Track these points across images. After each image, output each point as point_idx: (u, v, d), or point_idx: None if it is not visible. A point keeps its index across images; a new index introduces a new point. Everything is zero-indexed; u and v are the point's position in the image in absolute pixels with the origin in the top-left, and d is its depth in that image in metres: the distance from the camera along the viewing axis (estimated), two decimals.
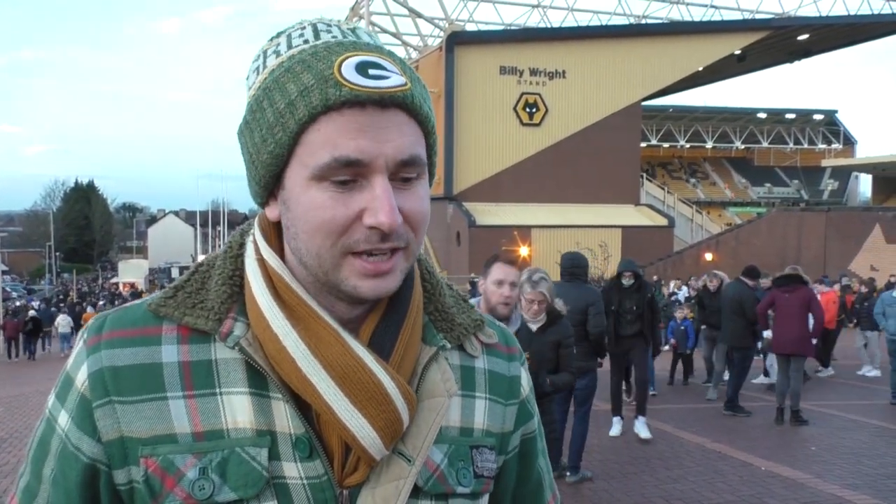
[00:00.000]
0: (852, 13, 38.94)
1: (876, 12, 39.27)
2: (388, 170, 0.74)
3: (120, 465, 0.78)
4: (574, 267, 6.35)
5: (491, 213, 32.18)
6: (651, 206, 37.40)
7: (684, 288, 18.98)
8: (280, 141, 0.74)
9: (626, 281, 7.50)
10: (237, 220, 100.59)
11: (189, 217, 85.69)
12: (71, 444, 0.79)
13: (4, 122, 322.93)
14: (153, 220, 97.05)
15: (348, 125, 0.72)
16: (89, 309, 27.54)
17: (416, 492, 0.82)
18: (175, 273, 48.46)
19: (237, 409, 0.78)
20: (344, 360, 0.77)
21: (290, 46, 0.77)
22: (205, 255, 0.92)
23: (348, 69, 0.72)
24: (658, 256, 31.60)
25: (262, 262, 0.82)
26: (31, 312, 23.50)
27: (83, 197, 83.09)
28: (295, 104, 0.73)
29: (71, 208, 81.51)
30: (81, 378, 0.79)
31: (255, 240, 0.84)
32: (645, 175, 44.24)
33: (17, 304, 31.48)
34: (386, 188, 0.73)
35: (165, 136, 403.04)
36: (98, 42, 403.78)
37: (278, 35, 0.80)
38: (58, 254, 71.21)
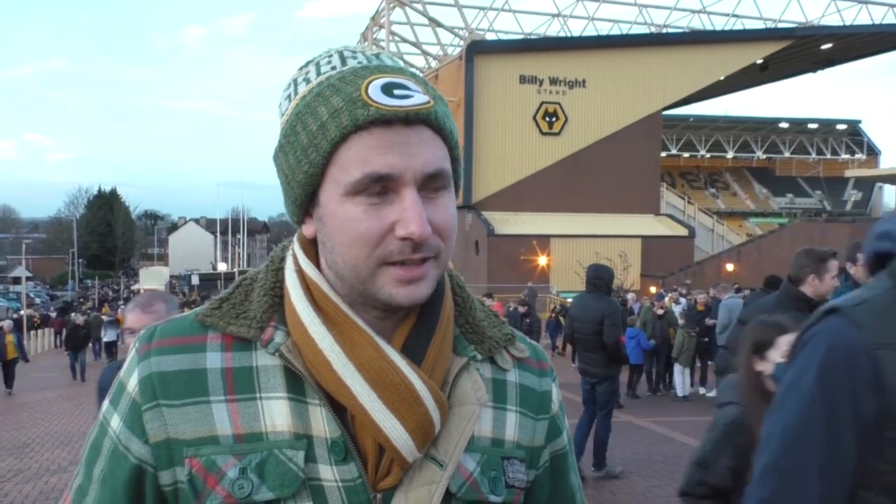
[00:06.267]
0: (877, 22, 38.53)
1: None
2: (417, 183, 0.78)
3: (166, 466, 0.82)
4: (596, 278, 6.52)
5: (510, 223, 32.12)
6: (671, 216, 37.15)
7: (683, 301, 15.61)
8: (314, 161, 0.79)
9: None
10: (256, 228, 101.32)
11: (209, 225, 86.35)
12: (121, 444, 0.83)
13: (30, 131, 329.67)
14: (174, 227, 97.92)
15: (377, 142, 0.77)
16: (119, 311, 28.32)
17: (449, 497, 0.84)
18: (195, 280, 48.82)
19: (276, 413, 0.82)
20: (377, 363, 0.80)
21: (318, 73, 0.82)
22: (225, 263, 0.93)
23: (375, 90, 0.77)
24: (678, 267, 31.35)
25: (300, 273, 0.86)
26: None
27: (106, 204, 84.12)
28: (326, 126, 0.78)
29: (94, 215, 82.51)
30: (133, 383, 0.84)
31: (295, 253, 0.89)
32: (665, 185, 43.97)
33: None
34: (415, 200, 0.77)
35: (187, 144, 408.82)
36: (122, 52, 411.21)
37: (307, 64, 0.86)
38: (80, 260, 72.16)
